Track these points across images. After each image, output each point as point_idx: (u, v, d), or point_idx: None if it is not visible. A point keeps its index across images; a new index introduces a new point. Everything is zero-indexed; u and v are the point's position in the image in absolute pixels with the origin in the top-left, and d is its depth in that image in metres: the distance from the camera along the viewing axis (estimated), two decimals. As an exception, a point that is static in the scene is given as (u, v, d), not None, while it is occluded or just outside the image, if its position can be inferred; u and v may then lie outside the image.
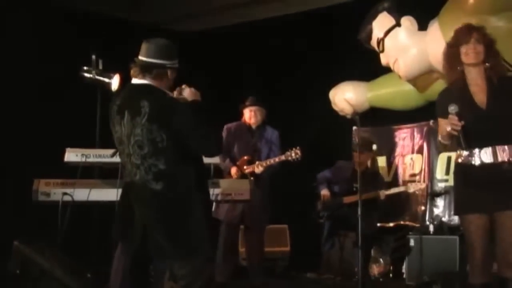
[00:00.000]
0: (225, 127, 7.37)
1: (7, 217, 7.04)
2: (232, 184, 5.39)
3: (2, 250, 6.54)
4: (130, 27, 8.74)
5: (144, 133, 4.06)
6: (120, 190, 4.83)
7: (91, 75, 6.32)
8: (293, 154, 7.05)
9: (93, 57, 6.33)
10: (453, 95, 4.56)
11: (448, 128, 4.43)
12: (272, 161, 7.13)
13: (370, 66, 8.00)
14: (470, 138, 4.45)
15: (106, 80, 6.30)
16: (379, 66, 7.58)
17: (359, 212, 6.25)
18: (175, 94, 4.40)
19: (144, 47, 4.25)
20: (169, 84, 4.29)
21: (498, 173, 4.43)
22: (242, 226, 7.46)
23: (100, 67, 6.38)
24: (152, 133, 4.05)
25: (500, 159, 4.43)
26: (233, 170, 7.09)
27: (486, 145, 4.46)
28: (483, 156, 4.46)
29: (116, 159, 4.82)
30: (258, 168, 7.10)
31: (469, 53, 4.50)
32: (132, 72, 4.24)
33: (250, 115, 7.35)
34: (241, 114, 7.47)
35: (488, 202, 4.44)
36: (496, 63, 4.57)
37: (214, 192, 5.25)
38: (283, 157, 7.11)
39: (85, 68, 6.34)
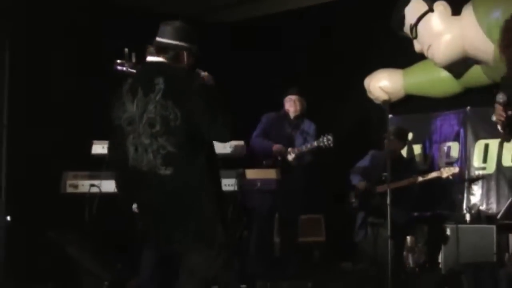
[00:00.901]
0: (265, 115, 7.40)
1: (37, 208, 7.08)
2: (258, 173, 5.33)
3: (33, 240, 6.64)
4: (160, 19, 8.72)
5: (157, 109, 3.89)
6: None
7: (124, 68, 6.29)
8: (325, 140, 6.97)
9: (126, 50, 6.30)
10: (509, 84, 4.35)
11: (493, 118, 4.28)
12: (304, 147, 7.07)
13: (405, 53, 7.90)
14: None
15: (138, 73, 6.29)
16: (414, 53, 7.49)
17: (388, 201, 6.14)
18: None
19: (161, 29, 4.17)
20: (185, 68, 4.15)
21: None
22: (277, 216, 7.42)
23: (134, 60, 6.35)
24: (167, 110, 3.87)
25: None
26: (277, 146, 7.07)
27: None
28: None
29: None
30: (290, 155, 7.04)
31: None
32: (147, 52, 4.15)
33: (290, 104, 7.35)
34: (282, 105, 7.45)
35: None
36: None
37: (239, 181, 5.18)
38: (315, 143, 7.05)
39: (118, 61, 6.30)
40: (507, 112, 4.21)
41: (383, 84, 8.12)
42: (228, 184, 5.27)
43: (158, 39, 4.13)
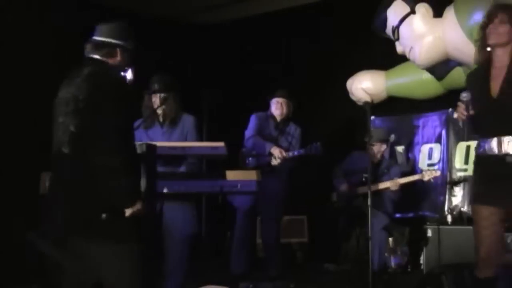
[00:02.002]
0: (254, 114, 7.36)
1: (16, 210, 7.00)
2: (238, 175, 5.27)
3: (13, 243, 6.55)
4: (144, 21, 8.67)
5: (73, 90, 3.99)
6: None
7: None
8: (313, 149, 6.96)
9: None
10: (475, 77, 4.44)
11: (455, 115, 4.30)
12: (290, 154, 7.04)
13: (388, 55, 7.88)
14: (483, 127, 4.33)
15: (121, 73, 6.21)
16: (397, 54, 7.47)
17: (369, 203, 6.15)
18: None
19: (97, 28, 4.28)
20: (119, 64, 4.22)
21: (504, 166, 4.26)
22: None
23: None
24: (80, 90, 3.95)
25: (503, 151, 4.26)
26: (276, 150, 7.05)
27: (494, 135, 4.29)
28: (490, 147, 4.30)
29: None
30: (276, 160, 7.00)
31: (491, 33, 4.33)
32: (85, 50, 4.23)
33: (276, 106, 7.33)
34: (268, 106, 7.43)
35: (499, 196, 4.27)
36: None
37: (219, 183, 5.13)
38: (302, 151, 7.04)
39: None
40: (469, 111, 4.23)
41: (365, 85, 8.11)
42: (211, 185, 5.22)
43: (93, 37, 4.23)
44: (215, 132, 6.08)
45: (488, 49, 4.37)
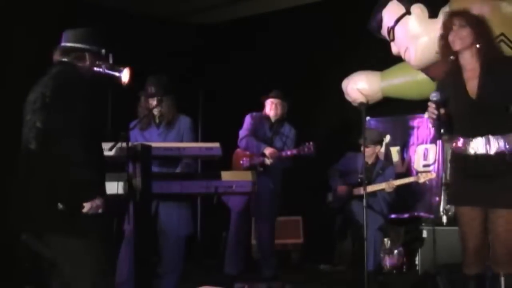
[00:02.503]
0: (249, 114, 7.35)
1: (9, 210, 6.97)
2: (233, 175, 5.27)
3: (9, 243, 6.52)
4: (143, 20, 8.68)
5: (40, 88, 4.05)
6: (121, 183, 4.85)
7: (101, 69, 6.19)
8: (306, 149, 6.95)
9: (103, 51, 6.20)
10: (447, 84, 4.47)
11: (425, 116, 4.34)
12: (283, 153, 7.04)
13: (383, 56, 7.88)
14: (465, 128, 4.33)
15: (116, 74, 6.16)
16: (392, 55, 7.46)
17: (364, 204, 6.15)
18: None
19: (64, 35, 4.34)
20: (87, 67, 4.31)
21: (490, 165, 4.28)
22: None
23: (110, 61, 6.25)
24: (47, 87, 4.02)
25: (492, 150, 4.28)
26: (269, 150, 7.04)
27: (479, 135, 4.30)
28: (476, 146, 4.31)
29: (116, 152, 4.88)
30: (269, 159, 7.00)
31: (454, 40, 4.37)
32: (54, 55, 4.29)
33: (271, 107, 7.32)
34: (262, 106, 7.43)
35: (481, 195, 4.30)
36: (487, 42, 4.40)
37: (215, 183, 5.14)
38: (295, 151, 7.05)
39: (96, 62, 6.22)
40: (439, 111, 4.28)
41: (361, 86, 8.11)
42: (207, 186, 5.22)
43: (61, 44, 4.30)
44: (210, 133, 6.07)
45: (452, 57, 4.42)
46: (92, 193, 3.96)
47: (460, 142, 4.37)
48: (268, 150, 7.02)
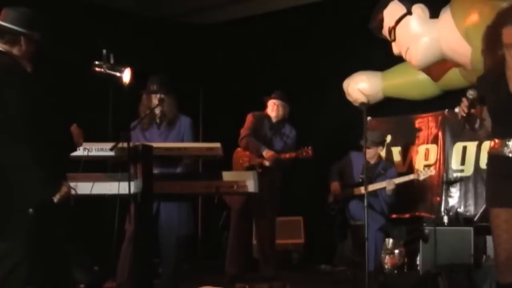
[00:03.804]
0: (251, 114, 7.36)
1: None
2: (234, 176, 5.28)
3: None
4: (142, 20, 8.69)
5: None
6: (123, 183, 4.81)
7: (102, 69, 6.21)
8: (304, 153, 6.98)
9: (104, 51, 6.22)
10: (488, 81, 4.29)
11: (456, 109, 4.27)
12: (282, 155, 7.05)
13: (384, 56, 7.88)
14: (507, 128, 4.21)
15: (118, 74, 6.19)
16: (393, 55, 7.47)
17: (365, 204, 6.19)
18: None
19: (4, 12, 4.08)
20: (22, 53, 4.06)
21: None
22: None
23: (112, 61, 6.26)
24: None
25: None
26: (268, 153, 7.04)
27: None
28: None
29: (117, 152, 4.91)
30: (267, 161, 7.02)
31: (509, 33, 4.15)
32: None
33: (272, 108, 7.34)
34: (265, 106, 7.44)
35: None
36: None
37: (216, 184, 5.15)
38: (293, 154, 7.06)
39: (96, 62, 6.22)
40: (470, 109, 4.18)
41: (361, 86, 8.11)
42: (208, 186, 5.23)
43: None
44: (211, 133, 6.08)
45: (499, 51, 4.23)
46: (53, 185, 3.85)
47: (497, 143, 4.26)
48: (267, 153, 7.04)
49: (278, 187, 7.21)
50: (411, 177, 7.42)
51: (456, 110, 4.28)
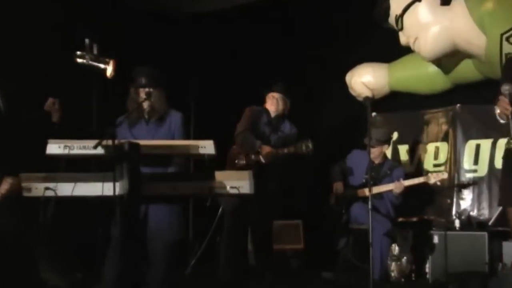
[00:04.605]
0: (249, 108, 7.29)
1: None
2: (228, 176, 5.22)
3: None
4: (130, 9, 8.62)
5: None
6: (107, 184, 4.78)
7: (84, 61, 6.14)
8: (303, 147, 6.88)
9: (87, 41, 6.15)
10: None
11: (497, 111, 4.18)
12: (279, 151, 6.97)
13: (390, 47, 7.86)
14: None
15: (101, 66, 6.13)
16: (400, 46, 7.46)
17: (369, 206, 6.14)
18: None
19: None
20: None
21: None
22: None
23: (95, 52, 6.20)
24: None
25: None
26: (265, 150, 6.96)
27: None
28: None
29: (101, 150, 4.81)
30: (264, 153, 6.95)
31: None
32: None
33: (271, 102, 7.27)
34: (263, 100, 7.38)
35: None
36: None
37: (208, 184, 5.09)
38: (292, 149, 6.95)
39: (78, 53, 6.16)
40: None
41: (366, 79, 8.15)
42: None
43: None
44: (203, 129, 6.03)
45: None
46: None
47: None
48: (263, 149, 6.97)
49: (277, 187, 7.14)
50: (421, 179, 7.38)
51: (497, 111, 4.19)
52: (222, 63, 9.30)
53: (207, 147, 5.18)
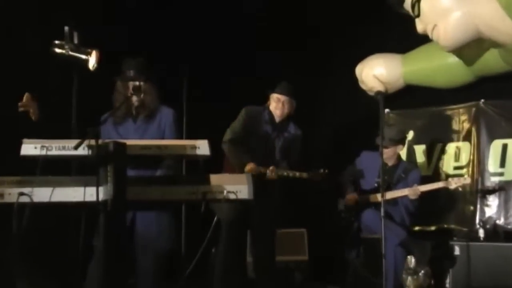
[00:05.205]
0: (246, 109, 7.18)
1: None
2: (225, 179, 5.19)
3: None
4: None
5: None
6: (90, 188, 4.75)
7: (64, 51, 6.09)
8: (319, 177, 6.91)
9: (66, 29, 6.10)
10: None
11: None
12: (291, 174, 6.93)
13: (405, 35, 7.89)
14: None
15: (83, 56, 6.09)
16: (416, 34, 7.43)
17: (382, 214, 6.15)
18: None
19: None
20: None
21: None
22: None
23: (76, 41, 6.16)
24: None
25: None
26: (249, 167, 6.88)
27: None
28: None
29: (83, 151, 4.78)
30: (271, 175, 6.88)
31: None
32: None
33: (277, 105, 7.14)
34: (266, 99, 7.29)
35: None
36: None
37: (202, 189, 5.05)
38: (305, 175, 6.94)
39: (56, 42, 6.11)
40: None
41: (378, 72, 8.16)
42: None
43: None
44: (197, 128, 6.01)
45: None
46: None
47: None
48: (248, 167, 6.91)
49: (280, 191, 7.10)
50: (440, 185, 7.34)
51: None
52: (218, 54, 9.26)
53: (201, 147, 5.15)
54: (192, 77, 7.57)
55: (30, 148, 5.31)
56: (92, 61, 6.07)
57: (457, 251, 7.18)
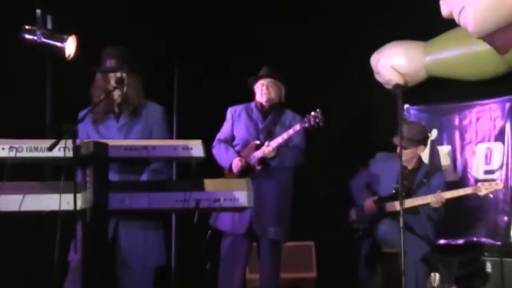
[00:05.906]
0: (230, 109, 7.35)
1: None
2: (221, 185, 5.18)
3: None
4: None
5: None
6: (66, 196, 4.75)
7: (35, 37, 6.06)
8: (311, 120, 6.84)
9: (38, 12, 6.06)
10: None
11: None
12: (285, 135, 6.94)
13: (428, 20, 7.96)
14: None
15: (58, 44, 6.07)
16: (441, 18, 7.52)
17: (401, 224, 6.06)
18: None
19: None
20: None
21: None
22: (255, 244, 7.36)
23: (49, 26, 6.13)
24: None
25: None
26: (235, 162, 7.02)
27: None
28: None
29: (58, 153, 4.79)
30: (268, 149, 6.90)
31: None
32: None
33: (261, 90, 7.26)
34: (252, 91, 7.38)
35: None
36: None
37: (195, 196, 5.03)
38: (298, 127, 6.92)
39: (27, 27, 6.07)
40: None
41: (397, 62, 8.19)
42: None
43: None
44: (189, 127, 6.00)
45: None
46: None
47: None
48: (234, 162, 6.95)
49: (287, 198, 7.14)
50: (468, 190, 7.31)
51: None
52: (212, 43, 9.26)
53: (194, 148, 5.20)
54: (184, 69, 7.58)
55: (-3, 148, 5.30)
56: (69, 48, 6.04)
57: (488, 268, 7.14)
